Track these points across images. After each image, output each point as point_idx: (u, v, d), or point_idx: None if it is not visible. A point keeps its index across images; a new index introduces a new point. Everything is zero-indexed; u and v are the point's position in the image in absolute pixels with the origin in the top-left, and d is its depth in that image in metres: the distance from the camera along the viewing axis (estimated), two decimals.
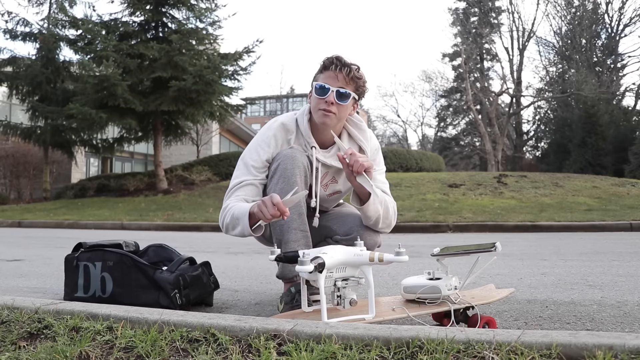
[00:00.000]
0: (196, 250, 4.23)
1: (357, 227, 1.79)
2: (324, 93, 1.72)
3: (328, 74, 1.74)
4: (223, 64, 11.96)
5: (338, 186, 1.89)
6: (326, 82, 1.73)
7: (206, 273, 1.96)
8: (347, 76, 1.72)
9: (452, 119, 36.42)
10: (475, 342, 1.00)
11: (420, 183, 10.86)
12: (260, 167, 1.78)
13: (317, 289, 1.37)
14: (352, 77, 1.73)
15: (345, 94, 1.73)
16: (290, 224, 1.69)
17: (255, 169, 1.77)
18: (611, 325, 1.58)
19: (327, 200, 1.91)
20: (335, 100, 1.72)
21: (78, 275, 1.87)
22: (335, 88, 1.72)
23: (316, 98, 1.75)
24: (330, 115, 1.73)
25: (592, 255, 3.61)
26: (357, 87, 1.76)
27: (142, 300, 1.75)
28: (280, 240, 1.70)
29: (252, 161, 1.79)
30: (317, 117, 1.76)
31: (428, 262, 3.18)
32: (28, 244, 5.36)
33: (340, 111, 1.75)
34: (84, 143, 14.64)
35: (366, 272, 1.38)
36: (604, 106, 23.55)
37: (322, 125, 1.76)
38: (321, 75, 1.76)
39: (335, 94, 1.72)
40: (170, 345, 1.13)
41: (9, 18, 14.02)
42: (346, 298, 1.37)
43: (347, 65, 1.73)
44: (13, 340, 1.22)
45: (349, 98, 1.74)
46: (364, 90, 1.80)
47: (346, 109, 1.76)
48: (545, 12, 38.51)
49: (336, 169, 1.84)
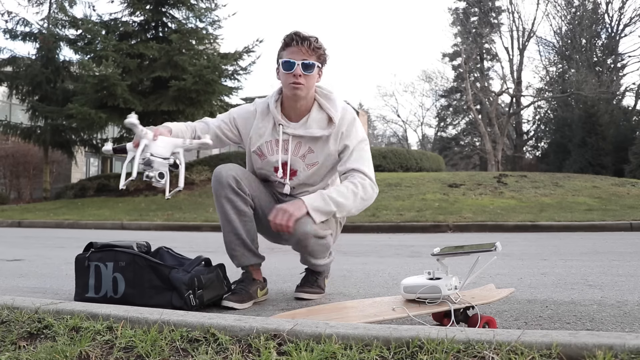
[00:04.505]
0: (196, 251, 4.22)
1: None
2: (290, 67, 1.88)
3: (291, 50, 1.89)
4: (223, 64, 11.94)
5: (315, 157, 1.98)
6: (291, 57, 1.88)
7: (221, 275, 1.95)
8: (308, 48, 1.88)
9: (452, 119, 36.41)
10: (475, 342, 1.00)
11: (420, 183, 10.85)
12: (225, 120, 2.05)
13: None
14: (313, 48, 1.89)
15: (310, 64, 1.89)
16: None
17: (221, 119, 2.06)
18: (611, 325, 1.58)
19: (306, 171, 2.00)
20: (302, 71, 1.88)
21: (89, 275, 1.85)
22: (299, 61, 1.87)
23: (284, 73, 1.90)
24: (300, 86, 1.89)
25: (592, 255, 3.61)
26: (319, 56, 1.93)
27: (155, 301, 1.73)
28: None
29: (221, 115, 2.10)
30: (288, 90, 1.93)
31: (428, 262, 3.18)
32: (28, 244, 5.36)
33: (308, 81, 1.91)
34: (83, 143, 14.65)
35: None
36: (604, 106, 23.54)
37: (294, 96, 1.92)
38: (285, 52, 1.91)
39: (301, 66, 1.88)
40: (170, 345, 1.13)
41: (9, 18, 14.03)
42: (156, 171, 1.63)
43: (307, 38, 1.88)
44: (13, 340, 1.22)
45: (314, 68, 1.90)
46: (326, 58, 1.96)
47: (313, 78, 1.93)
48: (545, 12, 38.49)
49: (309, 138, 1.97)
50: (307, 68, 1.88)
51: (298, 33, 1.89)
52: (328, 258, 2.03)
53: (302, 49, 1.88)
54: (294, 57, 1.88)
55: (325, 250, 1.95)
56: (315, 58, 1.90)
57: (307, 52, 1.88)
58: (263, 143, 2.00)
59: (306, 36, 1.88)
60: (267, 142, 1.99)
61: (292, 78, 1.88)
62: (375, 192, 1.93)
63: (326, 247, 1.93)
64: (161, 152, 1.65)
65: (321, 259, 1.98)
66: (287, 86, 1.91)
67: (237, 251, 1.95)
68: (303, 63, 1.87)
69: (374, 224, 6.90)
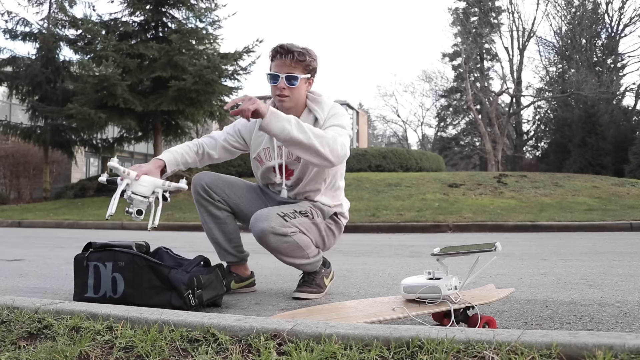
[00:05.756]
0: (196, 251, 4.22)
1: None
2: (275, 80, 1.96)
3: (276, 63, 1.97)
4: (223, 64, 11.94)
5: None
6: (276, 70, 1.97)
7: (220, 275, 1.95)
8: (292, 61, 1.94)
9: (452, 119, 36.42)
10: (475, 342, 1.00)
11: (420, 183, 10.85)
12: (231, 132, 2.15)
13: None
14: (297, 60, 1.95)
15: (294, 77, 1.95)
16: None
17: (227, 132, 2.16)
18: (611, 325, 1.58)
19: (302, 170, 2.06)
20: (286, 84, 1.95)
21: (88, 275, 1.85)
22: (284, 74, 1.95)
23: (271, 86, 2.00)
24: (285, 98, 1.98)
25: (592, 255, 3.61)
26: (304, 67, 1.98)
27: (154, 301, 1.74)
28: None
29: (227, 128, 2.19)
30: (275, 102, 2.02)
31: (428, 262, 3.18)
32: (28, 244, 5.36)
33: (294, 93, 1.98)
34: (83, 143, 14.65)
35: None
36: (604, 106, 23.54)
37: (281, 108, 1.97)
38: (272, 65, 2.00)
39: (285, 79, 1.95)
40: (170, 345, 1.13)
41: (9, 18, 14.04)
42: (136, 207, 1.80)
43: (291, 51, 1.94)
44: (13, 340, 1.22)
45: (298, 80, 1.96)
46: (314, 67, 2.02)
47: (298, 89, 1.99)
48: (545, 12, 38.40)
49: None
50: (292, 80, 1.95)
51: (282, 46, 1.96)
52: (309, 258, 2.02)
53: (286, 62, 1.94)
54: (279, 70, 1.96)
55: (297, 249, 1.96)
56: (300, 70, 1.97)
57: (291, 65, 1.94)
58: (261, 150, 2.12)
59: (290, 49, 1.94)
60: (264, 149, 2.11)
61: (278, 90, 1.97)
62: (344, 151, 1.86)
63: (295, 246, 1.94)
64: (141, 191, 1.81)
65: (298, 258, 1.99)
66: (274, 97, 2.01)
67: (215, 250, 2.19)
68: (287, 76, 1.95)
69: (374, 224, 6.90)
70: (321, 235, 2.09)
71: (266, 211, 1.93)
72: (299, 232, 1.96)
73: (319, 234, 2.08)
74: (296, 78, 1.95)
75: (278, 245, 1.92)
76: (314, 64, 2.01)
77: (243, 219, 2.18)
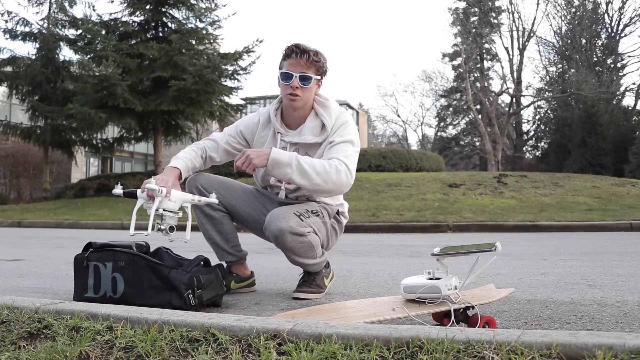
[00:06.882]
0: (196, 251, 4.21)
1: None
2: (288, 79, 1.97)
3: (290, 62, 1.97)
4: (223, 64, 11.94)
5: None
6: (289, 69, 1.97)
7: (220, 275, 1.95)
8: (307, 61, 1.96)
9: (452, 119, 36.39)
10: (475, 342, 1.00)
11: (420, 183, 10.85)
12: (232, 134, 2.14)
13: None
14: (312, 61, 1.97)
15: (307, 77, 1.97)
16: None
17: (228, 133, 2.15)
18: (611, 325, 1.58)
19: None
20: (299, 84, 1.96)
21: (88, 275, 1.85)
22: (297, 74, 1.96)
23: (283, 84, 1.99)
24: (297, 98, 1.98)
25: (592, 255, 3.61)
26: (318, 68, 2.00)
27: (154, 301, 1.73)
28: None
29: (228, 129, 2.18)
30: (285, 100, 2.02)
31: (428, 262, 3.18)
32: (28, 244, 5.36)
33: (305, 93, 1.99)
34: (83, 143, 14.64)
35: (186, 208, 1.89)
36: (604, 106, 23.53)
37: (291, 106, 2.02)
38: (285, 63, 1.99)
39: (299, 78, 1.96)
40: (170, 345, 1.13)
41: (9, 18, 14.03)
42: (167, 224, 1.81)
43: (306, 51, 1.96)
44: (13, 340, 1.22)
45: (311, 80, 1.98)
46: (325, 70, 2.04)
47: (310, 90, 2.01)
48: (545, 12, 38.35)
49: (305, 145, 2.05)
50: (305, 81, 1.97)
51: (299, 45, 1.97)
52: (316, 258, 2.03)
53: (300, 62, 1.96)
54: (293, 69, 1.96)
55: (310, 249, 1.96)
56: (313, 71, 1.98)
57: (305, 65, 1.96)
58: None
59: (306, 49, 1.96)
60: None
61: (290, 89, 1.97)
62: (348, 180, 1.91)
63: (309, 246, 1.94)
64: (172, 207, 1.84)
65: (308, 258, 1.99)
66: (285, 96, 2.01)
67: (214, 250, 2.21)
68: (301, 75, 1.96)
69: (374, 224, 6.90)
70: (327, 235, 2.10)
71: (282, 210, 1.92)
72: (313, 232, 1.96)
73: (326, 233, 2.08)
74: (309, 78, 1.97)
75: (294, 245, 1.91)
76: (326, 66, 2.03)
77: (240, 220, 2.19)
